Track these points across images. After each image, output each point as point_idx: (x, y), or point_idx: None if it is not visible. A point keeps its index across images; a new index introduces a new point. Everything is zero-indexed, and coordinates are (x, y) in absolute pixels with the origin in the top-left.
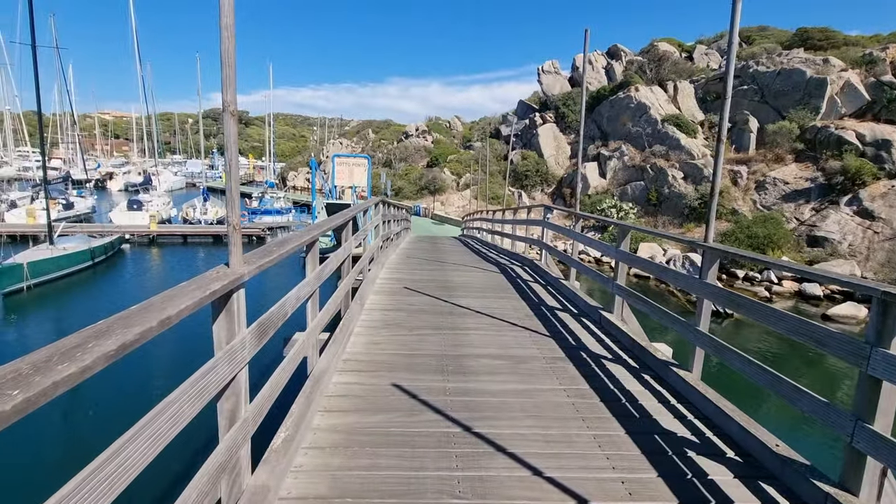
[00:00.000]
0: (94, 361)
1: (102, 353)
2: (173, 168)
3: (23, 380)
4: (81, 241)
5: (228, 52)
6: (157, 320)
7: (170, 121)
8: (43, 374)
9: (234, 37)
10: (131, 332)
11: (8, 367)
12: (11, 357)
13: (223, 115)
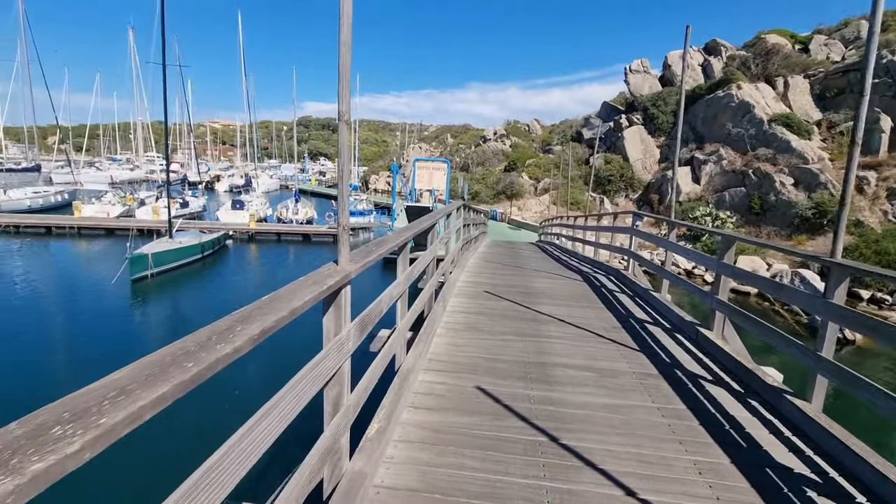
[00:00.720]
0: (243, 343)
1: (248, 336)
2: (269, 171)
3: (192, 355)
4: (194, 236)
5: (345, 65)
6: (288, 310)
7: (268, 128)
8: (207, 352)
9: (350, 52)
10: (269, 319)
11: (178, 345)
12: (149, 329)
13: (339, 123)
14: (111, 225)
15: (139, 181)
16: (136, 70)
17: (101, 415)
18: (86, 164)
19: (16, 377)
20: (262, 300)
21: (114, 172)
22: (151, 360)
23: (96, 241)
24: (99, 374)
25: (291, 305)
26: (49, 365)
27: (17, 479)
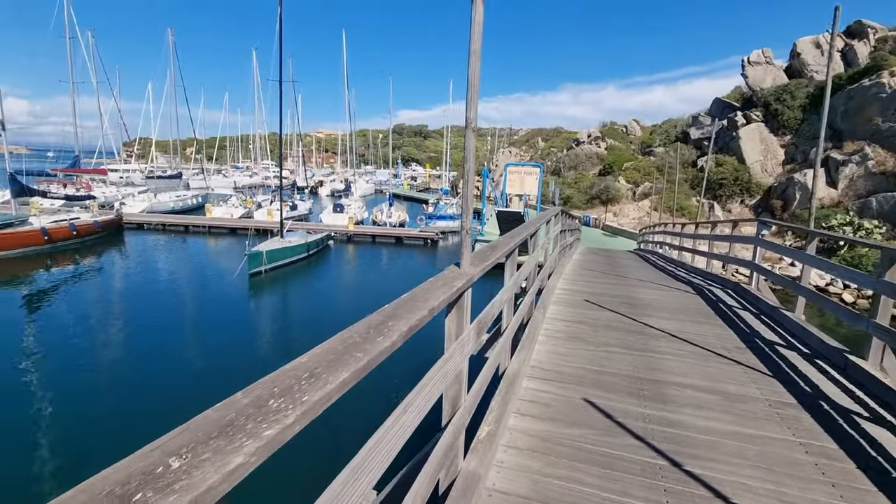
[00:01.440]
0: (397, 338)
1: (399, 332)
2: (366, 177)
3: (360, 346)
4: (301, 237)
5: (474, 74)
6: (427, 309)
7: (365, 136)
8: (371, 344)
9: (479, 61)
10: (413, 318)
11: (345, 334)
12: (264, 319)
13: (466, 130)
14: (234, 225)
15: (257, 186)
16: (257, 88)
17: (303, 392)
18: (215, 172)
19: (160, 355)
20: (402, 299)
21: (237, 178)
22: (328, 347)
23: (222, 238)
24: (224, 356)
25: (429, 305)
26: (186, 344)
27: (256, 442)
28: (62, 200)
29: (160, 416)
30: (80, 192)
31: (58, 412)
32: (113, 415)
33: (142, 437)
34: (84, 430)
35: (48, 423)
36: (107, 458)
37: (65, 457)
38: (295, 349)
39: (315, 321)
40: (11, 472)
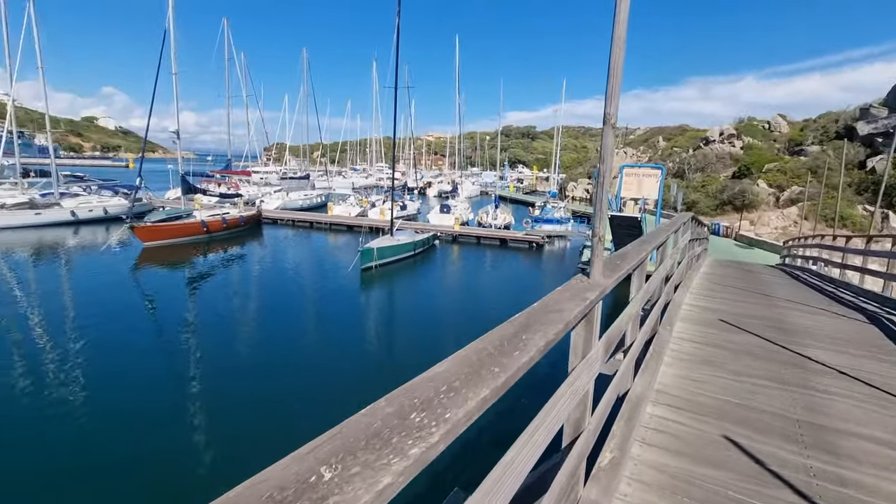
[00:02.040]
0: (534, 354)
1: (536, 346)
2: (472, 179)
3: (496, 360)
4: (410, 235)
5: (617, 64)
6: (563, 322)
7: (473, 139)
8: (507, 357)
9: (623, 50)
10: (550, 331)
11: (478, 345)
12: (373, 311)
13: (604, 127)
14: (351, 222)
15: (371, 187)
16: (375, 95)
17: (444, 408)
18: (336, 173)
19: (284, 337)
20: (532, 309)
21: (354, 180)
22: (462, 357)
23: (341, 235)
24: (336, 343)
25: (564, 318)
26: (304, 329)
27: (403, 461)
28: (217, 198)
29: (284, 395)
30: (231, 190)
31: (205, 385)
32: (246, 391)
33: (269, 414)
34: (227, 401)
35: (200, 391)
36: (245, 433)
37: (217, 428)
38: (399, 344)
39: (419, 318)
40: (165, 438)
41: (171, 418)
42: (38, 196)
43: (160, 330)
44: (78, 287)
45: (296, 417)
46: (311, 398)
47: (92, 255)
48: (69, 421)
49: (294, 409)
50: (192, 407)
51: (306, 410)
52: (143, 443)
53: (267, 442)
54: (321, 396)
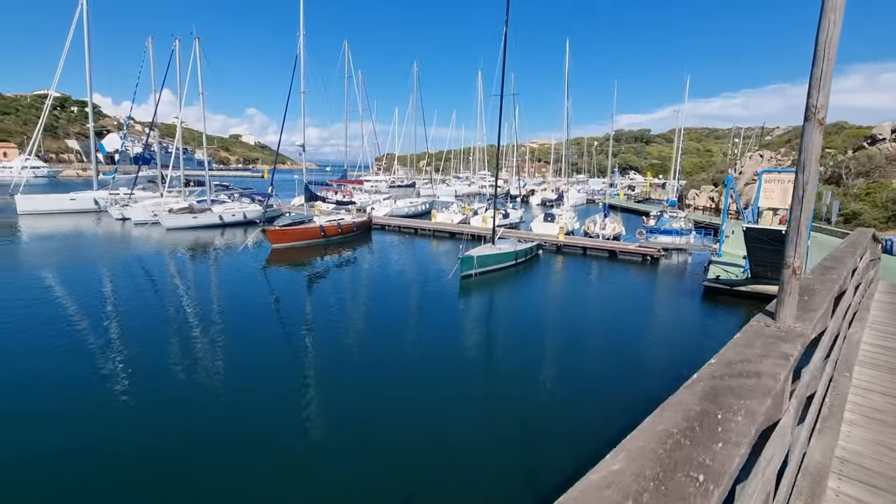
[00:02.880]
0: (744, 451)
1: (744, 436)
2: (577, 186)
3: (689, 455)
4: (512, 244)
5: (831, 41)
6: (766, 392)
7: (579, 145)
8: (707, 453)
9: (840, 19)
10: (756, 408)
11: (657, 426)
12: (472, 320)
13: (805, 123)
14: (453, 230)
15: (474, 195)
16: (480, 104)
17: None
18: (440, 181)
19: (387, 337)
20: (711, 368)
21: (457, 187)
22: (641, 450)
23: (443, 241)
24: (434, 348)
25: (766, 387)
26: (405, 330)
27: None
28: (334, 205)
29: (386, 391)
30: (346, 198)
31: (318, 376)
32: (353, 384)
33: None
34: (338, 392)
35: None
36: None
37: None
38: (496, 353)
39: (517, 329)
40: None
41: (283, 401)
42: (196, 202)
43: (282, 322)
44: (223, 280)
45: (397, 411)
46: (410, 396)
47: (233, 254)
48: (207, 396)
49: (395, 405)
50: (304, 396)
51: (406, 406)
52: (267, 418)
53: (372, 434)
54: (419, 394)
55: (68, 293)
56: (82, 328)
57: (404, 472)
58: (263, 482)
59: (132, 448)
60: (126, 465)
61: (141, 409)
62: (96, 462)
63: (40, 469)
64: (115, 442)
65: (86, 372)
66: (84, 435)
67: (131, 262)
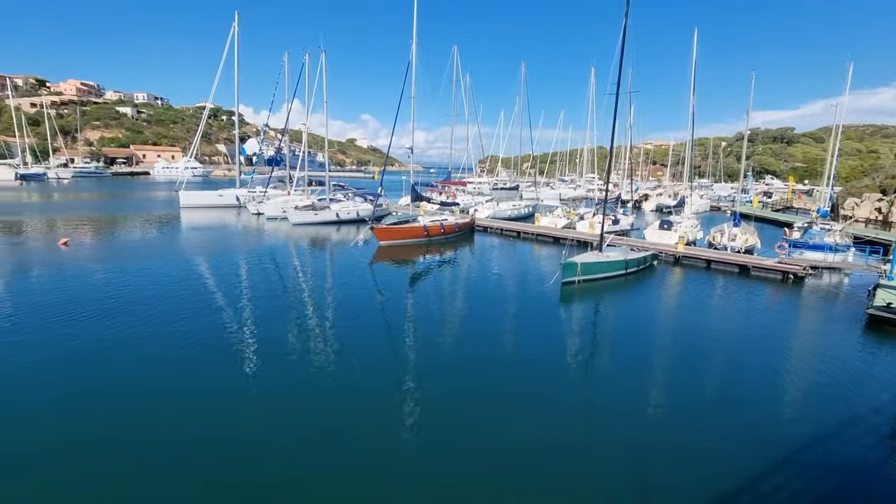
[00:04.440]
0: None
1: None
2: (700, 191)
3: None
4: (621, 252)
5: None
6: None
7: (703, 146)
8: None
9: None
10: None
11: None
12: (569, 330)
13: None
14: (557, 234)
15: (580, 199)
16: (591, 103)
17: None
18: (544, 184)
19: (480, 339)
20: None
21: (562, 191)
22: None
23: (546, 246)
24: (529, 354)
25: None
26: (500, 333)
27: None
28: (438, 205)
29: (483, 393)
30: (449, 199)
31: (416, 372)
32: (451, 383)
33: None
34: (437, 391)
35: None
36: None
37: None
38: (597, 365)
39: (625, 345)
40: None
41: (378, 394)
42: (317, 200)
43: (384, 316)
44: (335, 272)
45: (489, 419)
46: (502, 402)
47: (345, 249)
48: (311, 382)
49: (495, 409)
50: (399, 391)
51: (507, 411)
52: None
53: (462, 441)
54: (512, 402)
55: (212, 275)
56: (218, 306)
57: (489, 486)
58: (358, 471)
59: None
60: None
61: (258, 389)
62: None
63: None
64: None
65: (217, 344)
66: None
67: (263, 252)
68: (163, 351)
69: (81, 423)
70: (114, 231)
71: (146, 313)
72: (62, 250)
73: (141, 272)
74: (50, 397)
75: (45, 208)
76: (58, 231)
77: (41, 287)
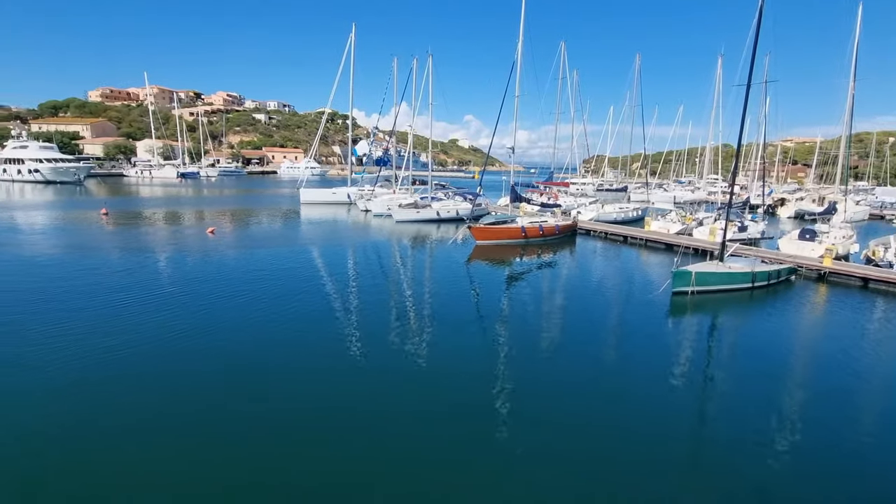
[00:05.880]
0: None
1: None
2: (856, 196)
3: None
4: (747, 263)
5: None
6: None
7: (862, 142)
8: None
9: None
10: None
11: None
12: (677, 345)
13: None
14: (670, 240)
15: (699, 202)
16: (717, 97)
17: None
18: (656, 186)
19: (580, 349)
20: None
21: (677, 193)
22: None
23: (656, 253)
24: (637, 368)
25: None
26: (603, 343)
27: None
28: (538, 207)
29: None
30: (550, 200)
31: (508, 375)
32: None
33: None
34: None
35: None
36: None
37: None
38: (712, 390)
39: (746, 368)
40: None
41: (471, 394)
42: (419, 199)
43: (479, 316)
44: (433, 268)
45: (586, 436)
46: (604, 416)
47: (443, 246)
48: (406, 371)
49: (587, 426)
50: (493, 394)
51: (599, 431)
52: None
53: (556, 456)
54: (614, 417)
55: (323, 265)
56: (326, 292)
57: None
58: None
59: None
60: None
61: (356, 372)
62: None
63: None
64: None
65: (319, 331)
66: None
67: (368, 246)
68: (284, 330)
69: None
70: (248, 222)
71: (266, 294)
72: (209, 238)
73: (266, 258)
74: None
75: (198, 201)
76: (206, 221)
77: (193, 268)
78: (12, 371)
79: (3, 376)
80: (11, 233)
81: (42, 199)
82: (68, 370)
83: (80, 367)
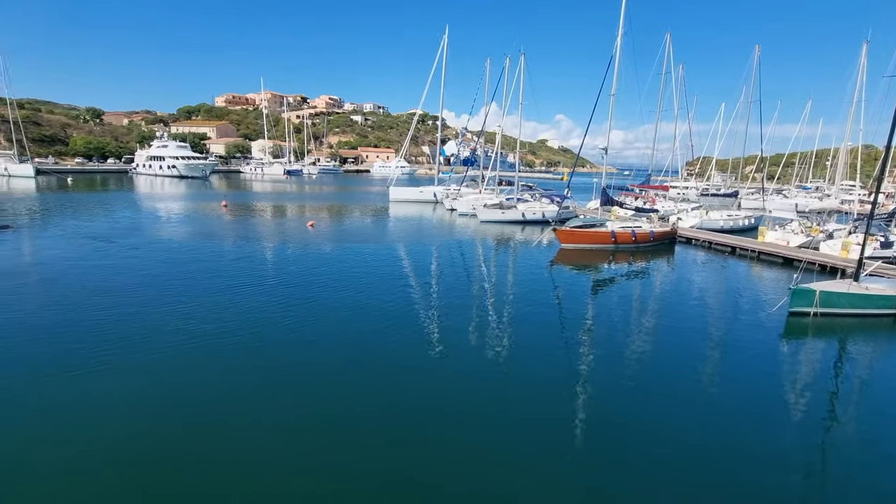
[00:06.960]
0: None
1: None
2: None
3: None
4: (890, 286)
5: None
6: None
7: None
8: None
9: None
10: None
11: None
12: (799, 372)
13: None
14: (789, 254)
15: (829, 211)
16: (858, 90)
17: None
18: (774, 192)
19: (675, 368)
20: None
21: (800, 200)
22: None
23: (772, 267)
24: (736, 396)
25: None
26: (706, 363)
27: None
28: (633, 211)
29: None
30: (647, 205)
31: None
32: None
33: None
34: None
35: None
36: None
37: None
38: (838, 429)
39: (883, 407)
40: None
41: (545, 406)
42: (505, 200)
43: (561, 322)
44: (515, 270)
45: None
46: (706, 449)
47: (527, 249)
48: (478, 375)
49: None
50: (570, 412)
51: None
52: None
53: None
54: (717, 455)
55: (409, 261)
56: (409, 288)
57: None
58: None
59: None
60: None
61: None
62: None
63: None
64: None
65: (400, 329)
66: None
67: (452, 245)
68: (365, 322)
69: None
70: (343, 218)
71: (354, 287)
72: (309, 231)
73: (357, 253)
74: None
75: (300, 197)
76: (307, 215)
77: (294, 258)
78: (148, 339)
79: (148, 339)
80: (155, 221)
81: (177, 191)
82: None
83: (213, 340)
